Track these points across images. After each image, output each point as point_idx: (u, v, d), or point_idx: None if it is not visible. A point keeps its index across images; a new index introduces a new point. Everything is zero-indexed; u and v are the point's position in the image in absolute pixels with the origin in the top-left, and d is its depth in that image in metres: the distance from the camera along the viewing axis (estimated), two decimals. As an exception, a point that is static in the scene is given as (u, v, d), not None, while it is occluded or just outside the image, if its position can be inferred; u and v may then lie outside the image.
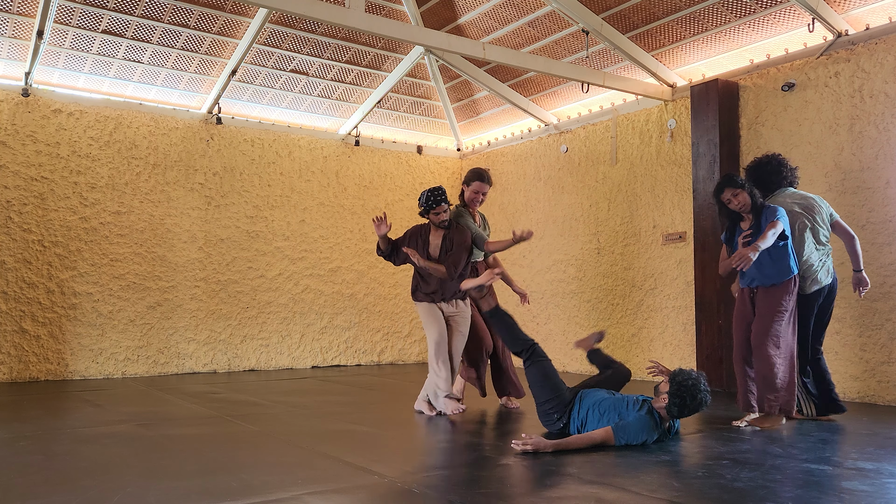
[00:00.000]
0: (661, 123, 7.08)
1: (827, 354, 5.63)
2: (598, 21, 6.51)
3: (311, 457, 3.49)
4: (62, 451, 3.59)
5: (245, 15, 6.83)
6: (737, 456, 3.47)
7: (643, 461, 3.41)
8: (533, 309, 8.40)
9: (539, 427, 4.23)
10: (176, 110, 7.72)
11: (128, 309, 7.28)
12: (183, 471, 3.18)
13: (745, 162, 6.30)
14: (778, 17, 5.84)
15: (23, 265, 6.83)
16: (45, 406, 5.20)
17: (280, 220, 8.25)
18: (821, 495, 2.75)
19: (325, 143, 8.66)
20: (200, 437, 3.98)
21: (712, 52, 6.49)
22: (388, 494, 2.82)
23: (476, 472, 3.21)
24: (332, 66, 7.79)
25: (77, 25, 6.54)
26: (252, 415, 4.78)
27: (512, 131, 8.94)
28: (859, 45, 5.56)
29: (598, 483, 2.95)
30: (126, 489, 2.82)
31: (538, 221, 8.40)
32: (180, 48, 7.07)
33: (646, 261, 7.13)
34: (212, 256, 7.78)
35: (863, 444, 3.79)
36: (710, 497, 2.75)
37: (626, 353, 7.26)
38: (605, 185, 7.61)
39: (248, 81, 7.71)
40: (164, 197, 7.56)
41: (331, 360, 8.51)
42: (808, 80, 5.88)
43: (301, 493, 2.78)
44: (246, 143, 8.11)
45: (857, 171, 5.50)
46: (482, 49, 6.14)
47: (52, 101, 7.05)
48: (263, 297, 8.08)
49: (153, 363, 7.39)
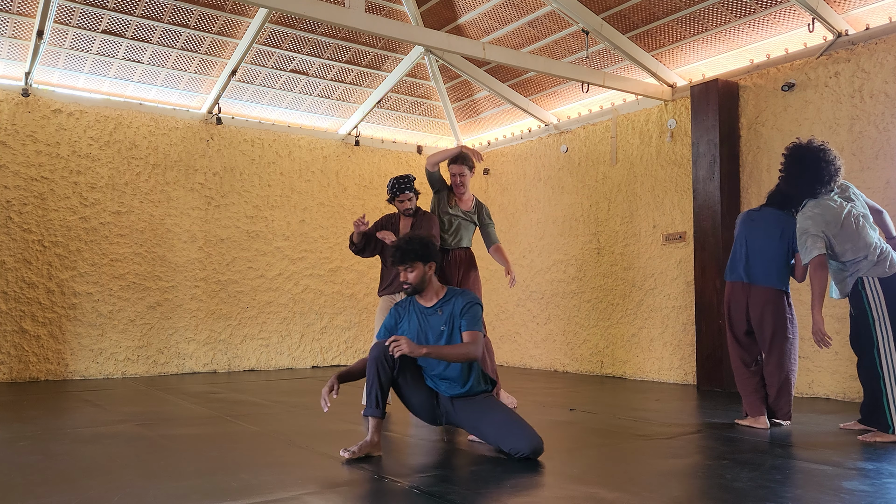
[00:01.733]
0: (661, 123, 7.08)
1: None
2: (598, 21, 6.51)
3: (311, 457, 3.49)
4: (62, 451, 3.58)
5: (245, 15, 6.83)
6: (737, 456, 3.47)
7: (643, 461, 3.41)
8: (533, 309, 8.40)
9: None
10: (176, 110, 7.72)
11: (128, 309, 7.28)
12: (183, 471, 3.18)
13: (745, 162, 6.30)
14: (778, 17, 5.84)
15: (23, 265, 6.83)
16: (45, 406, 5.20)
17: (280, 220, 8.25)
18: (821, 495, 2.75)
19: (325, 143, 8.65)
20: (200, 437, 3.98)
21: (712, 52, 6.49)
22: (388, 494, 2.82)
23: (476, 472, 3.21)
24: (332, 66, 7.79)
25: (77, 25, 6.54)
26: (252, 415, 4.78)
27: (512, 131, 8.94)
28: (859, 45, 5.56)
29: (597, 483, 2.95)
30: (126, 489, 2.82)
31: (538, 221, 8.40)
32: (180, 48, 7.07)
33: (646, 261, 7.13)
34: (212, 256, 7.78)
35: (863, 444, 3.79)
36: (710, 497, 2.75)
37: (626, 352, 7.27)
38: (605, 185, 7.61)
39: (248, 81, 7.71)
40: (164, 197, 7.56)
41: (331, 360, 8.50)
42: (808, 80, 5.88)
43: (301, 493, 2.78)
44: (246, 143, 8.11)
45: (857, 171, 5.50)
46: (482, 49, 6.14)
47: (52, 101, 7.05)
48: (263, 297, 8.08)
49: (153, 363, 7.39)
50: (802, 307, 5.48)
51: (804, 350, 5.76)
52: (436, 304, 3.57)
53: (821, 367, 5.68)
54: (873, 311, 3.92)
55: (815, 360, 5.71)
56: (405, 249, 3.48)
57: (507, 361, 8.75)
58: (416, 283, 3.52)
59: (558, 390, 6.26)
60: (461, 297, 3.57)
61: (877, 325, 3.90)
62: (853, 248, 3.98)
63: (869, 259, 3.96)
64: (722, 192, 6.19)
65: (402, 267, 3.51)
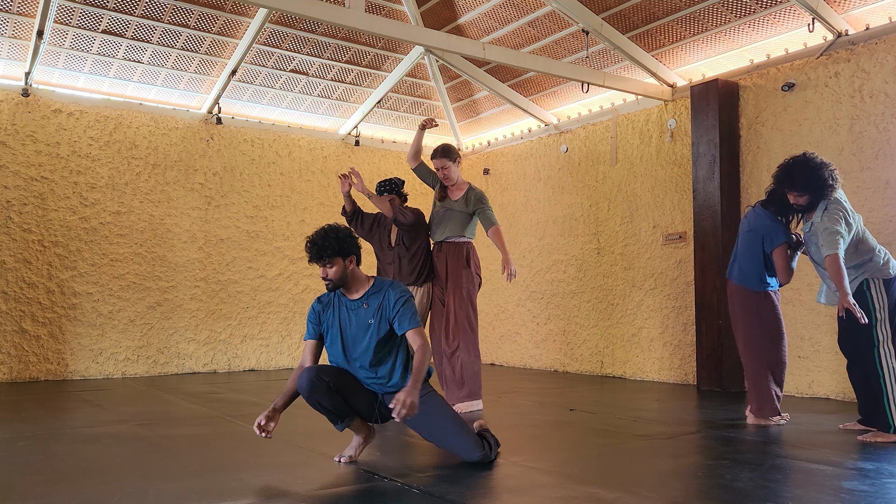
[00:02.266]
0: (661, 123, 7.08)
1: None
2: (598, 21, 6.51)
3: (311, 457, 3.49)
4: (62, 451, 3.58)
5: (245, 15, 6.83)
6: (737, 456, 3.47)
7: (643, 461, 3.41)
8: (533, 309, 8.39)
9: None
10: (176, 110, 7.72)
11: (128, 309, 7.28)
12: (183, 471, 3.18)
13: (745, 162, 6.30)
14: (778, 17, 5.84)
15: (23, 265, 6.82)
16: (45, 406, 5.20)
17: (280, 220, 8.25)
18: (821, 495, 2.75)
19: (325, 143, 8.65)
20: (200, 437, 3.98)
21: (712, 52, 6.49)
22: (388, 494, 2.82)
23: (476, 472, 3.21)
24: (332, 66, 7.79)
25: (77, 25, 6.54)
26: (252, 415, 4.77)
27: (512, 131, 8.93)
28: (859, 45, 5.56)
29: (598, 483, 2.95)
30: (126, 489, 2.82)
31: (538, 221, 8.40)
32: (180, 48, 7.07)
33: (646, 261, 7.13)
34: (212, 256, 7.78)
35: (863, 445, 3.79)
36: (710, 497, 2.75)
37: (626, 352, 7.26)
38: (605, 185, 7.61)
39: (248, 81, 7.71)
40: (164, 197, 7.56)
41: (331, 360, 8.50)
42: (808, 80, 5.88)
43: (301, 493, 2.78)
44: (246, 143, 8.11)
45: (857, 171, 5.50)
46: (482, 49, 6.13)
47: (52, 101, 7.05)
48: (263, 297, 8.08)
49: (153, 363, 7.39)
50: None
51: (804, 350, 5.76)
52: (362, 297, 3.36)
53: (821, 367, 5.67)
54: (877, 312, 3.95)
55: (815, 360, 5.70)
56: (321, 245, 3.27)
57: (507, 361, 8.75)
58: (337, 279, 3.33)
59: (558, 390, 6.26)
60: (391, 289, 3.34)
61: (879, 325, 3.94)
62: (861, 251, 4.03)
63: (874, 261, 4.01)
64: (722, 192, 6.20)
65: (319, 264, 3.33)
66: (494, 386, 6.34)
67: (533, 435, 4.17)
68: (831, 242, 3.88)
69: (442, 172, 5.07)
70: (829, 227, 3.93)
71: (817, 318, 5.70)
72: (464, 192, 5.11)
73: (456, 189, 5.14)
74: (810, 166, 4.04)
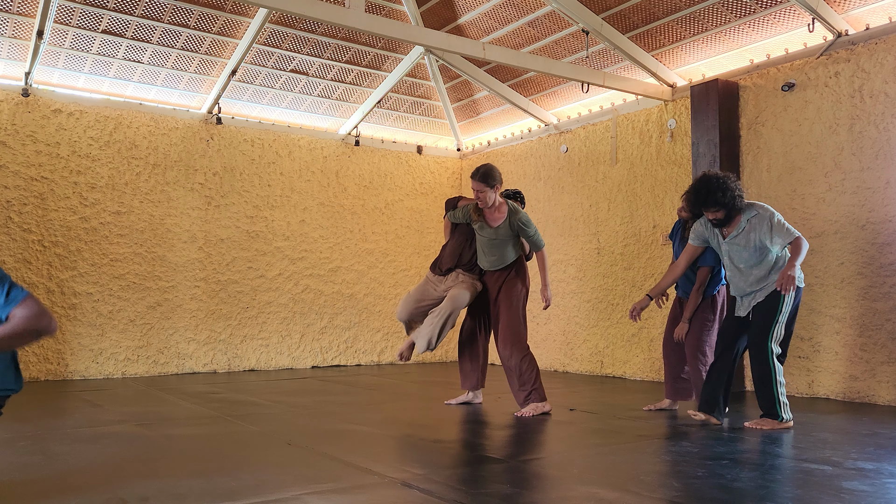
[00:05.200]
0: (661, 123, 7.08)
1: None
2: (598, 21, 6.51)
3: (311, 457, 3.49)
4: (62, 451, 3.58)
5: (245, 15, 6.83)
6: (737, 456, 3.47)
7: (643, 461, 3.41)
8: (533, 309, 8.40)
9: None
10: (176, 110, 7.72)
11: (128, 309, 7.28)
12: (183, 471, 3.18)
13: (745, 162, 6.31)
14: (778, 17, 5.84)
15: (23, 265, 6.82)
16: (45, 406, 5.20)
17: (280, 220, 8.25)
18: (821, 495, 2.75)
19: (325, 143, 8.66)
20: (200, 437, 3.98)
21: (712, 52, 6.49)
22: (388, 494, 2.82)
23: (476, 472, 3.21)
24: (332, 66, 7.79)
25: (77, 25, 6.54)
26: (252, 415, 4.78)
27: (512, 131, 8.94)
28: (859, 45, 5.56)
29: (598, 483, 2.95)
30: (126, 489, 2.82)
31: (538, 221, 8.39)
32: (180, 48, 7.07)
33: (646, 261, 7.13)
34: (212, 256, 7.79)
35: (863, 444, 3.79)
36: (710, 497, 2.75)
37: (626, 352, 7.27)
38: (605, 185, 7.61)
39: (248, 81, 7.71)
40: (164, 197, 7.56)
41: (331, 360, 8.51)
42: (808, 80, 5.88)
43: (301, 493, 2.78)
44: (246, 143, 8.11)
45: (857, 171, 5.50)
46: (482, 49, 6.14)
47: (52, 101, 7.05)
48: (263, 297, 8.08)
49: (153, 363, 7.39)
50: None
51: (803, 350, 5.76)
52: None
53: (820, 368, 5.68)
54: (783, 307, 4.22)
55: (815, 361, 5.71)
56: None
57: (507, 361, 8.74)
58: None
59: (558, 390, 6.26)
60: None
61: (777, 324, 4.24)
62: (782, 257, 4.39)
63: None
64: (722, 192, 6.19)
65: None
66: (495, 386, 6.35)
67: (533, 435, 4.18)
68: (790, 229, 4.25)
69: (478, 195, 4.83)
70: (781, 223, 4.27)
71: (817, 318, 5.70)
72: (505, 216, 4.90)
73: (496, 213, 4.91)
74: (714, 184, 4.29)
